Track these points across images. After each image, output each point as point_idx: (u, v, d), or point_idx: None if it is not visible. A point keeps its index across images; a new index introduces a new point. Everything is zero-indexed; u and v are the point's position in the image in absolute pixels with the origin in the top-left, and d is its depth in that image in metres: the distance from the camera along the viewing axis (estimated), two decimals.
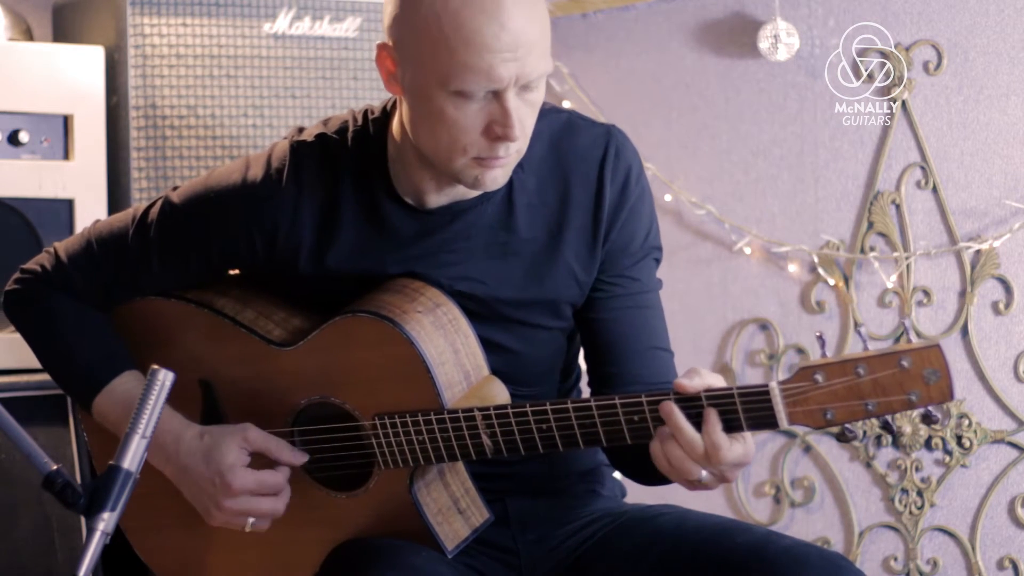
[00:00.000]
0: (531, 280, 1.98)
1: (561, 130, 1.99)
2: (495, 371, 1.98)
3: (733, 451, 1.74)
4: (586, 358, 2.06)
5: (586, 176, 1.97)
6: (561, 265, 1.98)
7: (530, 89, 1.82)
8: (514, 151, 1.85)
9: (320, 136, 1.99)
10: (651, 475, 1.86)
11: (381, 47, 1.88)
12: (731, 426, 1.73)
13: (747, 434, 1.77)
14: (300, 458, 1.98)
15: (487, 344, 1.97)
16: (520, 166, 1.94)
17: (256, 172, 1.98)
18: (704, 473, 1.76)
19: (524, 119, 1.83)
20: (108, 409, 2.03)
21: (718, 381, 1.76)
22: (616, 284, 2.00)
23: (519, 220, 1.96)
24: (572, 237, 1.98)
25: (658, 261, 2.05)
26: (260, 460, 1.98)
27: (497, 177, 1.87)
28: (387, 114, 1.97)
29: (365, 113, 2.00)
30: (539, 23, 1.80)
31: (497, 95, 1.80)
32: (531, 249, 1.97)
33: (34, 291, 2.08)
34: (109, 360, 2.05)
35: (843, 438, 2.41)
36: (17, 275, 2.11)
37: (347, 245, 1.97)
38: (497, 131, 1.81)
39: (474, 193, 1.94)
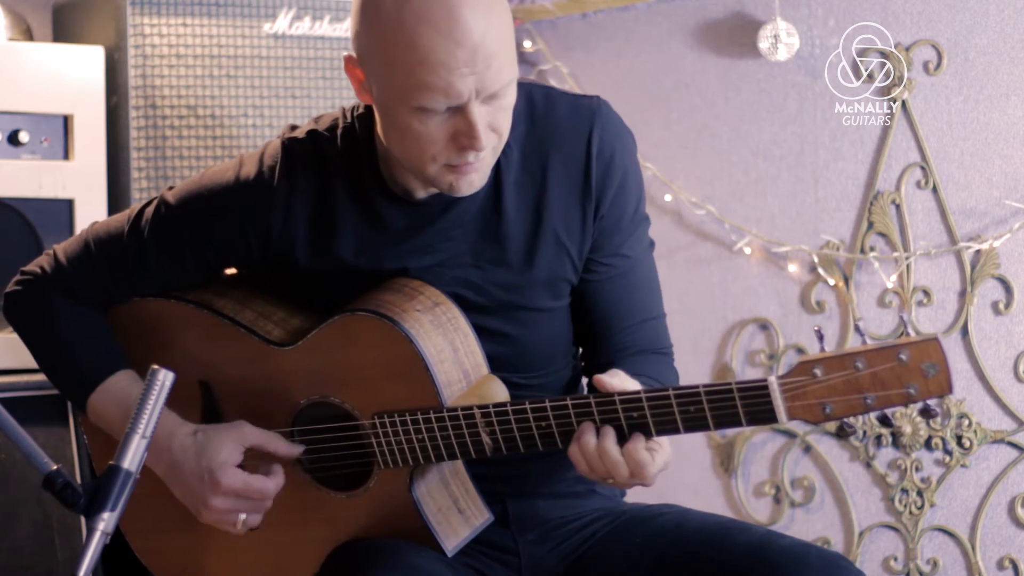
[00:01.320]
0: (524, 260, 1.97)
1: (543, 105, 1.98)
2: (500, 360, 1.98)
3: (656, 464, 1.79)
4: (578, 334, 2.07)
5: (572, 151, 1.97)
6: (550, 241, 1.97)
7: (498, 96, 1.81)
8: (489, 153, 1.85)
9: (311, 133, 1.99)
10: None
11: (348, 59, 1.88)
12: (730, 422, 1.74)
13: (663, 439, 1.80)
14: (295, 450, 1.98)
15: (490, 333, 1.97)
16: (508, 144, 1.93)
17: (249, 170, 1.98)
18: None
19: (497, 122, 1.83)
20: (103, 408, 2.03)
21: (634, 387, 1.81)
22: (609, 265, 2.01)
23: (507, 201, 1.96)
24: (560, 213, 1.97)
25: (647, 229, 2.06)
26: (256, 460, 1.98)
27: (473, 181, 1.87)
28: (371, 111, 1.97)
29: (353, 110, 2.00)
30: (498, 33, 1.79)
31: (460, 107, 1.79)
32: (520, 228, 1.97)
33: (33, 292, 2.08)
34: (105, 359, 2.04)
35: (842, 433, 2.40)
36: (17, 277, 2.11)
37: (341, 240, 1.97)
38: (463, 142, 1.81)
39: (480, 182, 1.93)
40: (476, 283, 1.97)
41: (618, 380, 1.82)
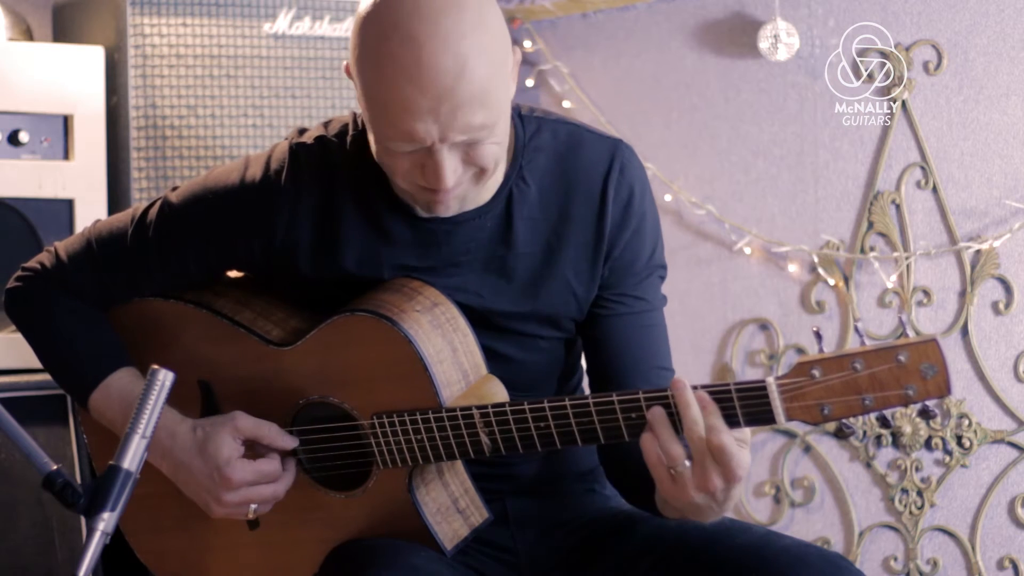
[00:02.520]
0: (527, 295, 1.97)
1: (567, 142, 1.97)
2: None
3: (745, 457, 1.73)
4: (589, 374, 2.05)
5: (589, 191, 1.95)
6: (558, 280, 1.97)
7: (473, 143, 1.79)
8: (467, 182, 1.83)
9: (320, 139, 1.98)
10: (644, 497, 1.87)
11: (347, 68, 1.88)
12: (728, 423, 1.73)
13: (746, 433, 1.77)
14: (291, 442, 1.98)
15: (486, 352, 1.96)
16: (522, 178, 1.93)
17: (255, 173, 1.98)
18: (688, 463, 1.73)
19: (476, 158, 1.80)
20: (105, 405, 2.03)
21: None
22: (620, 303, 1.99)
23: (518, 234, 1.96)
24: (571, 252, 1.96)
25: (662, 279, 2.05)
26: (253, 447, 1.98)
27: (450, 206, 1.87)
28: None
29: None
30: (476, 77, 1.74)
31: (427, 148, 1.79)
32: (528, 264, 1.96)
33: (34, 289, 2.08)
34: (106, 356, 2.04)
35: (841, 434, 2.39)
36: (18, 273, 2.11)
37: (345, 248, 1.96)
38: (431, 181, 1.81)
39: (471, 205, 1.93)
40: (475, 309, 1.96)
41: None
